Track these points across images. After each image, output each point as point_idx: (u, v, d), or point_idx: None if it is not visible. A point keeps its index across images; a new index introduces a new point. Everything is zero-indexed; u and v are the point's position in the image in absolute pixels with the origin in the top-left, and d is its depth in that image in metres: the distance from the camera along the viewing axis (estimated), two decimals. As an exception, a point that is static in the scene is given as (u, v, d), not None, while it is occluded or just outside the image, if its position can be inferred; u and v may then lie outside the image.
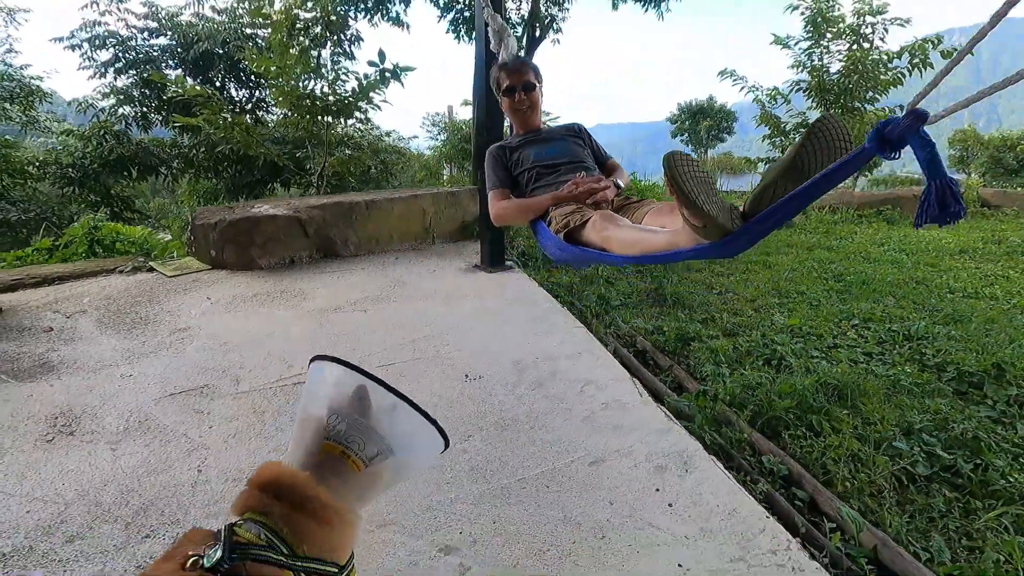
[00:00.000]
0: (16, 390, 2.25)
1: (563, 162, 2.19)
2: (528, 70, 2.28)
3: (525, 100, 2.27)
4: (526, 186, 2.21)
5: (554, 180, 2.13)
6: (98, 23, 8.83)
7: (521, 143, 2.29)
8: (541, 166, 2.19)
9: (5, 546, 1.43)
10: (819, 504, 1.82)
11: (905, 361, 2.78)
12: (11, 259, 4.28)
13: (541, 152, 2.24)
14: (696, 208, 1.15)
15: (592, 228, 1.70)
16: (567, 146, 2.28)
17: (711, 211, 1.15)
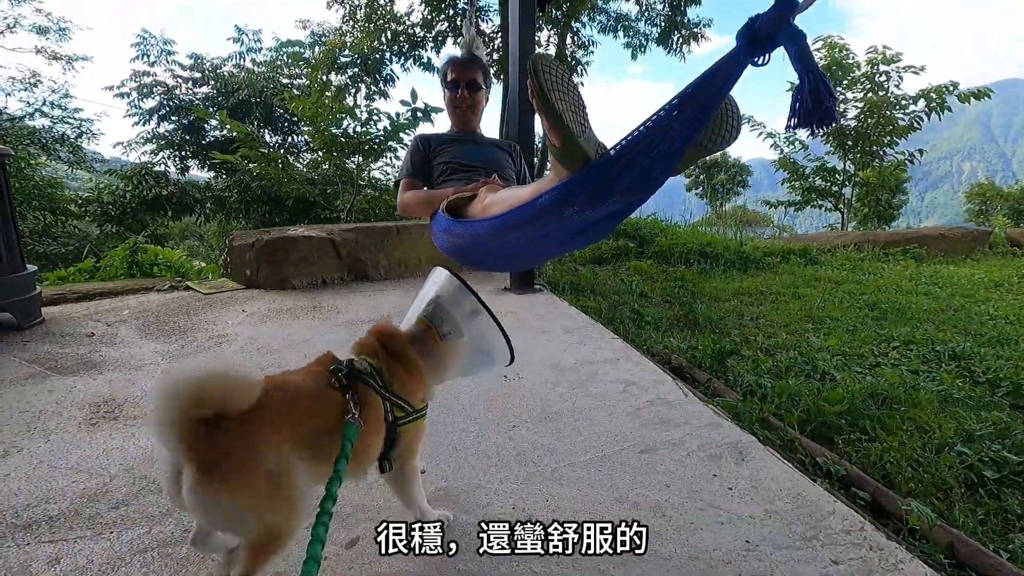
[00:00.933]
0: (59, 382, 2.27)
1: (481, 167, 2.05)
2: (477, 69, 2.19)
3: (467, 98, 2.15)
4: (436, 178, 2.07)
5: (466, 178, 1.98)
6: (147, 73, 9.43)
7: (450, 139, 2.18)
8: (458, 164, 2.06)
9: (52, 510, 1.41)
10: (883, 505, 1.72)
11: (954, 377, 2.69)
12: (54, 279, 4.41)
13: (465, 152, 2.10)
14: (557, 118, 1.04)
15: (477, 202, 1.56)
16: (494, 154, 2.16)
17: (573, 126, 1.05)
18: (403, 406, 1.16)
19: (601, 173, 1.07)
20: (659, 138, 1.02)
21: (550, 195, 1.16)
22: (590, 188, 1.10)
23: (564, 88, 1.07)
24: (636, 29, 8.21)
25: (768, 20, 0.88)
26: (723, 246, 5.98)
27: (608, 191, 1.11)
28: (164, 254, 4.95)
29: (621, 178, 1.08)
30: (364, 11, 7.23)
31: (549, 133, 1.10)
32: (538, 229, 1.30)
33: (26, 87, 9.45)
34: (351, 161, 6.47)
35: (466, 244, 1.58)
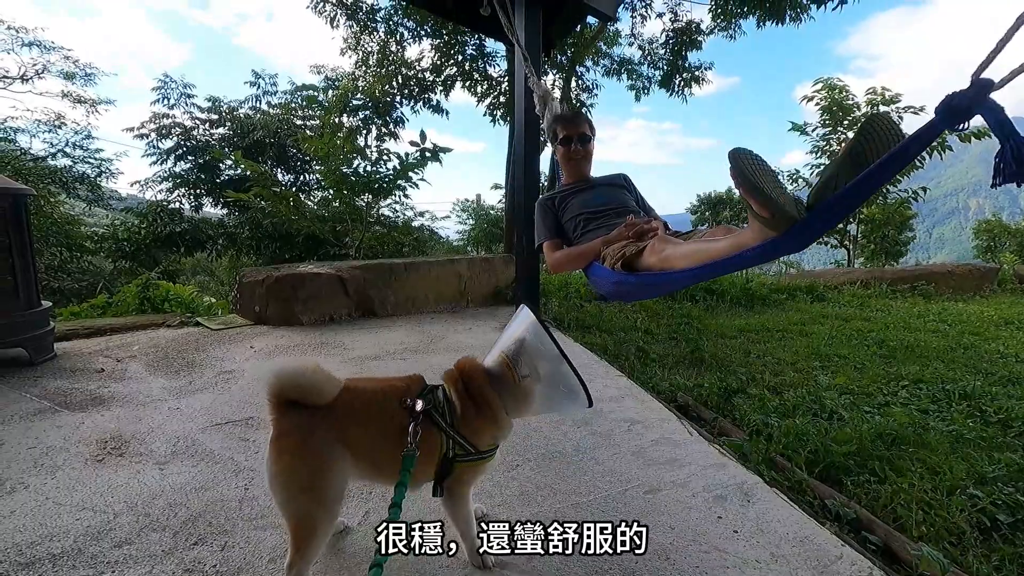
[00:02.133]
0: (68, 418, 2.29)
1: (610, 208, 2.24)
2: (583, 122, 2.42)
3: (580, 151, 2.38)
4: (573, 232, 2.25)
5: (601, 225, 2.16)
6: (166, 115, 9.79)
7: (568, 192, 2.36)
8: (588, 212, 2.23)
9: (55, 548, 1.42)
10: (894, 550, 1.69)
11: (965, 417, 2.66)
12: (67, 314, 4.48)
13: (588, 200, 2.29)
14: (763, 196, 1.17)
15: (651, 252, 1.70)
16: (613, 193, 2.34)
17: (778, 198, 1.17)
18: (464, 445, 1.25)
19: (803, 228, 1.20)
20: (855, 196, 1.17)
21: (754, 251, 1.30)
22: (794, 242, 1.25)
23: (762, 169, 1.22)
24: (639, 73, 8.47)
25: (966, 97, 0.99)
26: (729, 283, 5.99)
27: (807, 242, 1.27)
28: (175, 290, 5.03)
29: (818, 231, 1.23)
30: (376, 57, 7.54)
31: (758, 209, 1.22)
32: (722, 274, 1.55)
33: (50, 129, 9.83)
34: (361, 199, 6.62)
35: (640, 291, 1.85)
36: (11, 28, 9.79)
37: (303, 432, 1.16)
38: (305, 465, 1.16)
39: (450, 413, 1.26)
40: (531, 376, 1.25)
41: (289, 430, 1.16)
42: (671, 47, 7.94)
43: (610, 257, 1.90)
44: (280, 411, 1.17)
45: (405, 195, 6.94)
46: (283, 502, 1.17)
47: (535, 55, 4.00)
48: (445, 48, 7.61)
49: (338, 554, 1.41)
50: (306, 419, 1.17)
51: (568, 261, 2.19)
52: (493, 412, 1.27)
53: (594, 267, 2.02)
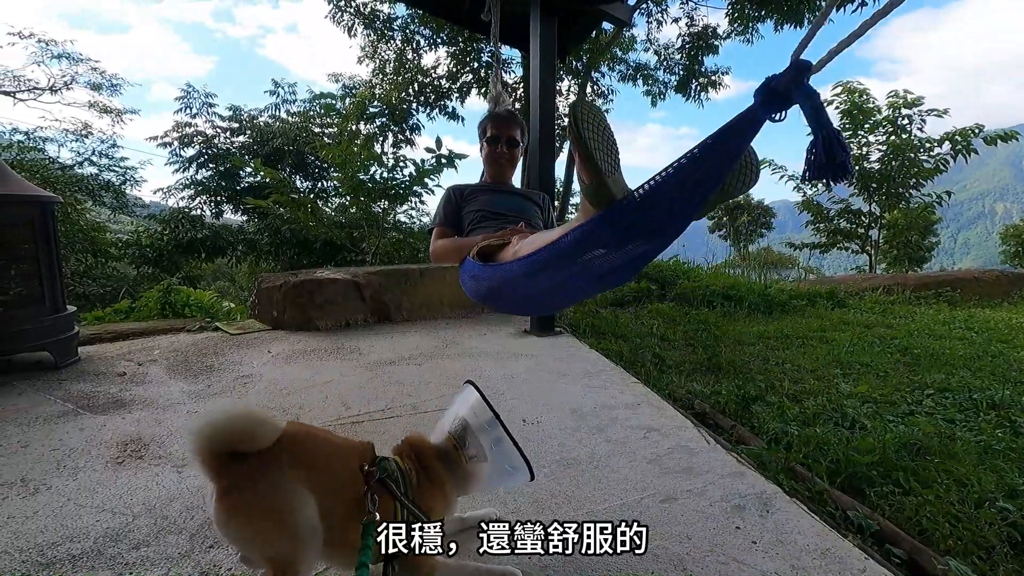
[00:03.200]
0: (90, 420, 2.33)
1: (511, 215, 2.11)
2: (516, 126, 2.29)
3: (505, 153, 2.26)
4: (467, 226, 2.13)
5: (495, 226, 2.03)
6: (189, 124, 10.00)
7: (482, 189, 2.25)
8: (488, 211, 2.12)
9: (75, 549, 1.44)
10: (919, 564, 1.63)
11: (994, 427, 2.57)
12: (91, 319, 4.58)
13: (495, 201, 2.17)
14: (589, 156, 1.09)
15: (509, 248, 1.60)
16: (523, 205, 2.23)
17: (603, 166, 1.10)
18: (419, 516, 1.18)
19: (625, 214, 1.11)
20: (682, 184, 1.06)
21: (576, 233, 1.20)
22: (614, 228, 1.14)
23: (599, 130, 1.13)
24: (655, 78, 8.45)
25: (784, 80, 0.93)
26: (747, 288, 5.91)
27: (632, 232, 1.16)
28: (196, 295, 5.11)
29: (644, 220, 1.13)
30: (393, 65, 7.63)
31: (580, 170, 1.15)
32: (564, 270, 1.34)
33: (77, 138, 10.12)
34: (377, 205, 6.68)
35: (494, 288, 1.64)
36: (41, 41, 10.11)
37: (251, 480, 1.04)
38: (266, 511, 1.04)
39: (404, 484, 1.21)
40: (478, 456, 1.28)
41: (234, 484, 1.03)
42: (687, 52, 7.91)
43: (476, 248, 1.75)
44: (217, 467, 1.04)
45: (421, 201, 6.99)
46: (254, 551, 1.08)
47: (550, 61, 4.01)
48: (461, 55, 7.68)
49: (351, 559, 1.40)
50: (251, 467, 1.05)
51: (446, 251, 2.06)
52: (443, 488, 1.28)
53: (465, 262, 1.85)
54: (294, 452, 1.10)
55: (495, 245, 1.68)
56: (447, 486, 1.28)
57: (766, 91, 0.95)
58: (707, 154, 1.03)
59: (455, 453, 1.28)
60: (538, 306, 2.18)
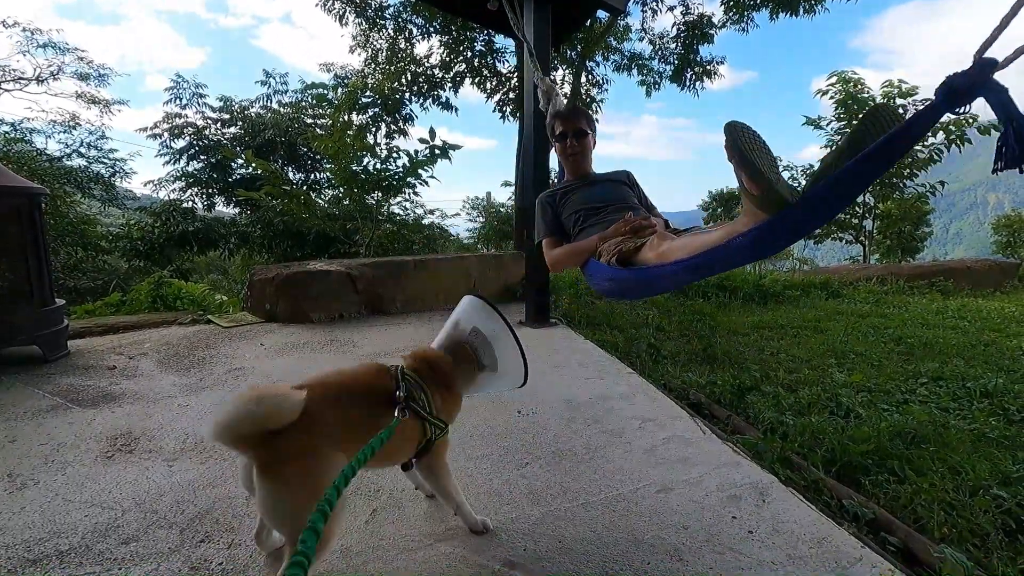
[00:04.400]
0: (79, 415, 2.30)
1: (610, 204, 2.17)
2: (580, 118, 2.36)
3: (576, 146, 2.32)
4: (573, 228, 2.20)
5: (600, 221, 2.10)
6: (179, 115, 9.87)
7: (569, 188, 2.31)
8: (587, 208, 2.18)
9: (62, 544, 1.41)
10: (914, 551, 1.64)
11: (987, 415, 2.58)
12: (81, 312, 4.52)
13: (588, 196, 2.24)
14: (754, 169, 1.12)
15: (649, 248, 1.65)
16: (614, 189, 2.28)
17: (770, 175, 1.12)
18: (441, 426, 1.34)
19: (797, 215, 1.14)
20: (852, 181, 1.10)
21: (748, 237, 1.22)
22: (788, 228, 1.18)
23: (757, 145, 1.17)
24: (650, 67, 8.38)
25: (968, 77, 0.95)
26: (742, 279, 5.91)
27: (803, 230, 1.22)
28: (187, 288, 5.06)
29: (814, 218, 1.18)
30: (385, 54, 7.53)
31: (749, 186, 1.17)
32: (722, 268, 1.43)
33: (65, 129, 9.96)
34: (371, 197, 6.62)
35: (636, 287, 1.75)
36: (26, 30, 9.92)
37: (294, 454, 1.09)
38: (306, 486, 1.08)
39: (428, 402, 1.32)
40: (490, 366, 1.41)
41: (275, 457, 1.08)
42: (682, 41, 7.85)
43: (606, 253, 1.84)
44: (251, 445, 1.08)
45: (415, 192, 6.93)
46: (286, 525, 1.12)
47: (544, 50, 3.96)
48: (454, 44, 7.58)
49: (346, 554, 1.39)
50: (287, 439, 1.09)
51: (566, 258, 2.13)
52: (456, 393, 1.42)
53: (590, 263, 1.96)
54: (322, 417, 1.14)
55: (631, 248, 1.74)
56: (459, 392, 1.42)
57: (948, 89, 0.97)
58: (881, 152, 1.05)
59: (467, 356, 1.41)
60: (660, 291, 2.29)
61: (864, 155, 1.05)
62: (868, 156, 1.05)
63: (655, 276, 1.59)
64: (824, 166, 1.15)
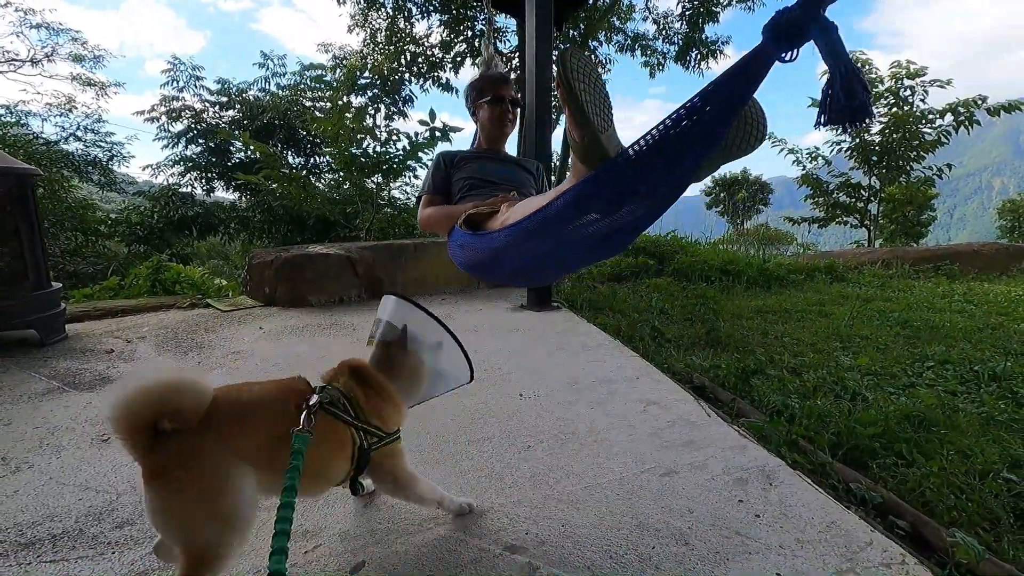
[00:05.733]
0: (76, 398, 2.27)
1: (503, 183, 2.03)
2: (513, 86, 2.21)
3: (510, 113, 2.18)
4: (456, 194, 2.05)
5: (484, 194, 1.96)
6: (176, 98, 9.75)
7: (473, 156, 2.17)
8: (479, 179, 2.04)
9: (56, 528, 1.39)
10: (924, 536, 1.60)
11: (996, 399, 2.54)
12: (80, 296, 4.49)
13: (486, 168, 2.09)
14: (579, 109, 1.02)
15: (497, 217, 1.55)
16: (517, 173, 2.15)
17: (595, 120, 1.03)
18: (374, 432, 1.20)
19: (620, 172, 1.02)
20: (682, 138, 0.96)
21: (568, 195, 1.12)
22: (608, 188, 1.05)
23: (591, 83, 1.04)
24: (654, 48, 8.24)
25: (797, 12, 0.83)
26: (745, 263, 5.85)
27: (627, 192, 1.07)
28: (186, 272, 5.02)
29: (641, 179, 1.04)
30: (384, 34, 7.40)
31: (570, 127, 1.07)
32: (555, 237, 1.26)
33: (61, 113, 9.85)
34: (371, 181, 6.55)
35: (484, 258, 1.57)
36: (19, 10, 9.77)
37: (184, 458, 0.95)
38: (202, 494, 0.96)
39: (352, 406, 1.18)
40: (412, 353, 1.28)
41: (169, 462, 0.95)
42: (687, 19, 7.70)
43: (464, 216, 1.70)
44: (146, 444, 0.94)
45: (415, 176, 6.84)
46: (179, 538, 0.98)
47: (546, 28, 3.87)
48: (454, 24, 7.44)
49: (344, 538, 1.36)
50: (183, 443, 0.96)
51: (436, 219, 1.98)
52: (392, 396, 1.26)
53: (454, 230, 1.77)
54: (226, 420, 1.01)
55: (484, 213, 1.61)
56: (395, 394, 1.26)
57: (776, 25, 0.85)
58: (709, 102, 0.93)
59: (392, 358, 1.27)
60: (528, 277, 2.11)
61: (688, 103, 0.94)
62: (693, 105, 0.93)
63: (497, 243, 1.44)
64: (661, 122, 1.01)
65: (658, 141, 0.98)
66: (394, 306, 1.32)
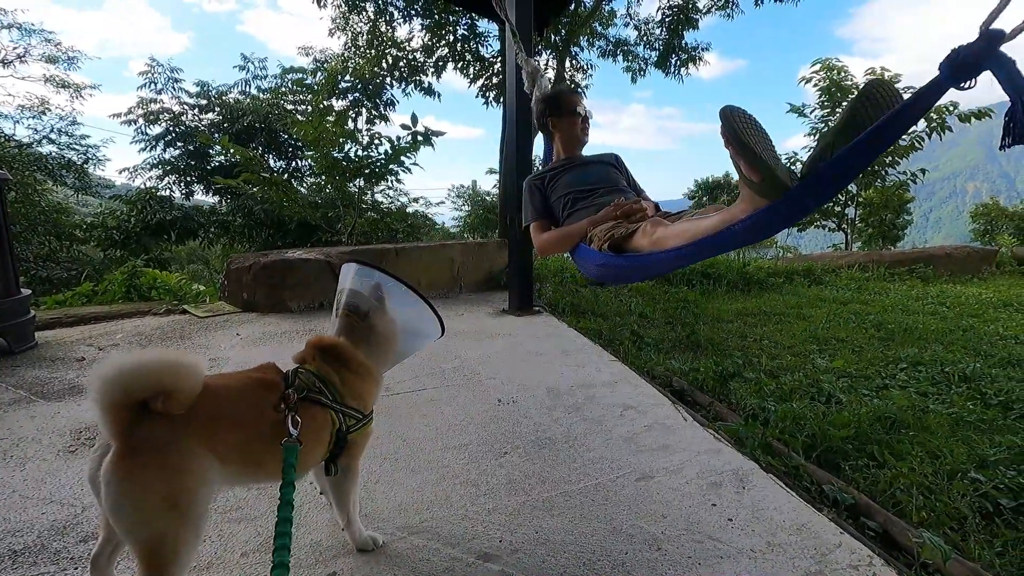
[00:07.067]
0: (43, 408, 2.22)
1: (599, 186, 2.13)
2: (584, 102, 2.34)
3: (587, 126, 2.32)
4: (562, 211, 2.15)
5: (590, 204, 2.06)
6: (154, 101, 9.60)
7: (558, 170, 2.26)
8: (577, 191, 2.13)
9: (16, 544, 1.35)
10: (893, 535, 1.63)
11: (965, 400, 2.60)
12: (51, 303, 4.39)
13: (578, 178, 2.19)
14: (753, 156, 1.09)
15: (642, 234, 1.61)
16: (603, 171, 2.24)
17: (769, 161, 1.09)
18: (354, 415, 1.19)
19: (796, 196, 1.12)
20: (853, 161, 1.07)
21: (747, 223, 1.21)
22: (787, 212, 1.17)
23: (755, 130, 1.14)
24: (635, 54, 8.31)
25: (974, 50, 0.91)
26: (726, 267, 5.91)
27: (802, 213, 1.18)
28: (163, 278, 4.93)
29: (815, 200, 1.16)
30: (365, 38, 7.37)
31: (748, 172, 1.14)
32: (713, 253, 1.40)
33: (34, 115, 9.64)
34: (353, 184, 6.50)
35: (629, 272, 1.74)
36: (-10, 10, 9.55)
37: (162, 444, 0.93)
38: (169, 483, 0.93)
39: (329, 388, 1.16)
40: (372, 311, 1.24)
41: (144, 444, 0.92)
42: (667, 26, 7.79)
43: (597, 238, 1.80)
44: (127, 421, 0.91)
45: (398, 180, 6.83)
46: (136, 527, 0.93)
47: (526, 33, 3.88)
48: (436, 28, 7.44)
49: (315, 549, 1.34)
50: (166, 428, 0.94)
51: (556, 242, 2.08)
52: (368, 368, 1.23)
53: (580, 248, 1.92)
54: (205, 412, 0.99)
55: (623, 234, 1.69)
56: (371, 368, 1.24)
57: (952, 63, 0.94)
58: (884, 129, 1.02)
59: (360, 325, 1.23)
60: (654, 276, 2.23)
61: (868, 134, 1.03)
62: (868, 137, 1.03)
63: (650, 262, 1.57)
64: (822, 146, 1.12)
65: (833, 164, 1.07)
66: (358, 273, 1.28)
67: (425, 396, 2.30)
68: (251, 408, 1.07)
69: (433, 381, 2.49)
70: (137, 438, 0.92)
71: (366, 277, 1.26)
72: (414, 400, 2.27)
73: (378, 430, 1.70)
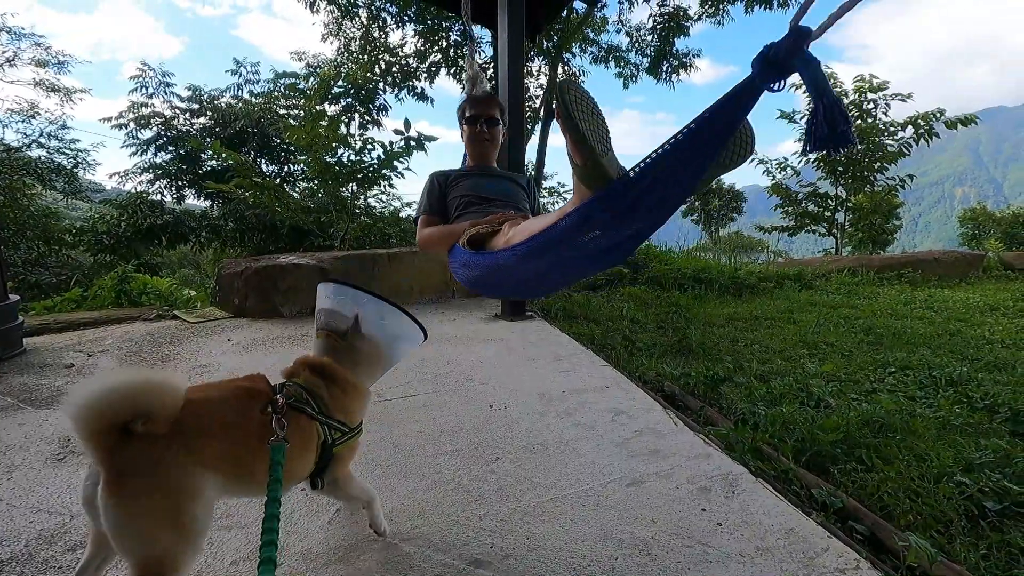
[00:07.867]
0: (31, 415, 2.20)
1: (497, 199, 2.08)
2: (495, 106, 2.27)
3: (486, 132, 2.22)
4: (452, 212, 2.09)
5: (481, 212, 1.99)
6: (145, 105, 9.54)
7: (465, 173, 2.21)
8: (474, 196, 2.08)
9: (3, 553, 1.34)
10: (881, 539, 1.65)
11: (952, 404, 2.63)
12: (40, 308, 4.35)
13: (480, 185, 2.14)
14: (579, 135, 1.07)
15: (500, 236, 1.58)
16: (509, 188, 2.19)
17: (596, 146, 1.08)
18: (340, 428, 1.21)
19: (621, 194, 1.09)
20: (678, 160, 1.04)
21: (572, 217, 1.17)
22: (612, 208, 1.12)
23: (588, 110, 1.10)
24: (627, 60, 8.38)
25: (782, 48, 0.90)
26: (718, 271, 5.96)
27: (630, 211, 1.13)
28: (153, 283, 4.91)
29: (641, 199, 1.10)
30: (358, 43, 7.38)
31: (572, 152, 1.12)
32: (560, 254, 1.33)
33: (24, 119, 9.56)
34: (346, 189, 6.50)
35: (486, 275, 1.64)
36: (-22, 14, 9.47)
37: (151, 465, 0.93)
38: (166, 504, 0.93)
39: (316, 401, 1.19)
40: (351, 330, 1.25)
41: (132, 468, 0.91)
42: (658, 33, 7.86)
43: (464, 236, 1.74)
44: (110, 446, 0.90)
45: (391, 185, 6.81)
46: (137, 548, 0.93)
47: (517, 40, 3.91)
48: (429, 34, 7.46)
49: (306, 556, 1.34)
50: (152, 448, 0.93)
51: (436, 239, 2.01)
52: (353, 385, 1.26)
53: (454, 249, 1.83)
54: (191, 425, 0.99)
55: (485, 232, 1.65)
56: (357, 384, 1.27)
57: (764, 60, 0.92)
58: (704, 128, 1.01)
59: (341, 345, 1.25)
60: (532, 289, 2.18)
61: (685, 129, 1.01)
62: (690, 131, 1.01)
63: (501, 262, 1.50)
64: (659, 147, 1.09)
65: (656, 162, 1.05)
66: (333, 292, 1.29)
67: (417, 402, 2.30)
68: (238, 415, 1.07)
69: (425, 387, 2.49)
70: (124, 462, 0.91)
71: (340, 296, 1.27)
72: (406, 406, 2.27)
73: (370, 436, 1.70)
